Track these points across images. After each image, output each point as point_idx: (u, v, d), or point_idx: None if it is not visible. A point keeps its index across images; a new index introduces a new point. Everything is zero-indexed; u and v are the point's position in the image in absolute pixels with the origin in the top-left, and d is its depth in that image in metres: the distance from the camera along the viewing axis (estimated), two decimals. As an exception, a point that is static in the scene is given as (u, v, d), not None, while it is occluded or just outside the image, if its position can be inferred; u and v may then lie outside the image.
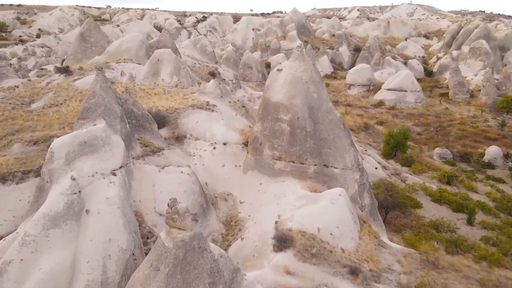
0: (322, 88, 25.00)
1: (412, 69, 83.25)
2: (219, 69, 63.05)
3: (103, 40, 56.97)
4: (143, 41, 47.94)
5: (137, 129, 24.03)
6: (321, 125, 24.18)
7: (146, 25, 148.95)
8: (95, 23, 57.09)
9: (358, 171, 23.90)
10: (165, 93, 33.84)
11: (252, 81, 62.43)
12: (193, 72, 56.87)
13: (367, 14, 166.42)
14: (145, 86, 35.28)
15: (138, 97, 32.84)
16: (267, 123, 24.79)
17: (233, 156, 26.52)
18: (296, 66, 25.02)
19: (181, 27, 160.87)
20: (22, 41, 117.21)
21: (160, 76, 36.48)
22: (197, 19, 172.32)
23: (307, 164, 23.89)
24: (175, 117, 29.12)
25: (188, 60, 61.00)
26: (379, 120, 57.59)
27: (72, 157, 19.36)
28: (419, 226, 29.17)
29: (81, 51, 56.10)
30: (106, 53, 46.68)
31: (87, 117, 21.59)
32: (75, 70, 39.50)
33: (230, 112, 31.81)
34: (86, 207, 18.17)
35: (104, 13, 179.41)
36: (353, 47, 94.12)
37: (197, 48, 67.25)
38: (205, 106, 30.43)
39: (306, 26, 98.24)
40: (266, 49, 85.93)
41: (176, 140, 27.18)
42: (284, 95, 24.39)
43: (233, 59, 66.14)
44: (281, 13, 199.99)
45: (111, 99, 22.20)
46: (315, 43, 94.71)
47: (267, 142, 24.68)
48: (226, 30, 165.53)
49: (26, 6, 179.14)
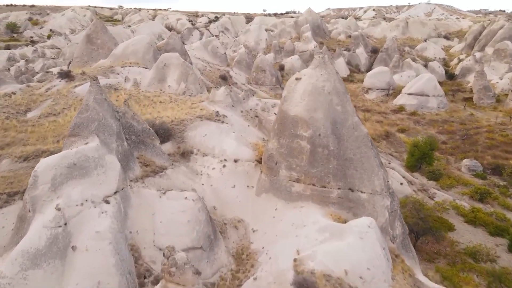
0: (346, 100, 21.88)
1: (433, 71, 79.34)
2: (231, 72, 60.26)
3: (110, 42, 54.61)
4: (151, 43, 45.33)
5: (137, 146, 21.24)
6: (345, 143, 21.08)
7: (158, 26, 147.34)
8: (103, 24, 54.77)
9: (389, 196, 20.74)
10: (172, 101, 31.07)
11: (265, 85, 59.50)
12: (203, 75, 54.17)
13: (383, 14, 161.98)
14: (150, 93, 32.58)
15: (142, 105, 30.15)
16: (284, 139, 21.77)
17: (245, 175, 23.56)
18: (317, 75, 21.95)
19: (193, 27, 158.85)
20: (33, 42, 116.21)
21: (166, 82, 33.75)
22: (209, 20, 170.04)
23: (329, 188, 20.81)
24: (181, 129, 26.30)
25: (199, 63, 58.32)
26: (401, 128, 54.09)
27: (59, 182, 16.69)
28: (454, 254, 25.87)
29: (87, 54, 53.82)
30: (112, 56, 44.19)
31: (79, 134, 18.89)
32: (77, 75, 37.03)
33: (242, 123, 28.88)
34: (72, 243, 15.51)
35: (116, 14, 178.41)
36: (370, 48, 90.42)
37: (208, 50, 64.54)
38: (214, 117, 27.55)
39: (321, 27, 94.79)
40: (280, 50, 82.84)
41: (181, 157, 24.35)
42: (304, 108, 21.35)
43: (246, 62, 63.26)
44: (294, 13, 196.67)
45: (107, 113, 19.45)
46: (331, 44, 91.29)
47: (284, 162, 21.66)
48: (238, 30, 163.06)
49: (39, 6, 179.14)
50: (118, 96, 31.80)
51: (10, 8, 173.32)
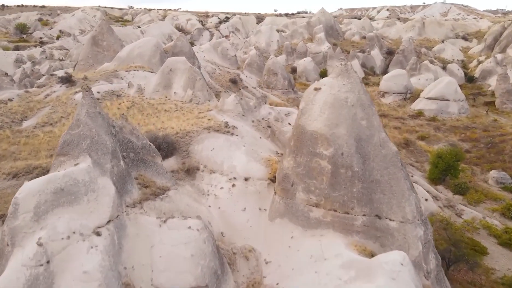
0: (372, 113, 19.28)
1: (451, 74, 76.03)
2: (241, 76, 57.83)
3: (116, 44, 52.60)
4: (157, 45, 43.12)
5: (136, 165, 18.89)
6: (371, 163, 18.47)
7: (167, 26, 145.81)
8: (109, 25, 52.79)
9: (422, 225, 18.09)
10: (177, 109, 28.73)
11: (277, 89, 56.96)
12: (212, 79, 51.84)
13: (398, 14, 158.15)
14: (154, 101, 30.29)
15: (145, 114, 27.86)
16: (302, 158, 19.23)
17: (257, 196, 21.08)
18: (339, 85, 19.37)
19: (203, 28, 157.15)
20: (42, 43, 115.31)
21: (172, 88, 31.44)
22: (220, 20, 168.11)
23: (353, 214, 18.23)
24: (186, 142, 23.92)
25: (208, 66, 56.03)
26: (420, 135, 51.10)
27: (43, 210, 14.45)
28: (490, 285, 23.08)
29: (92, 56, 51.89)
30: (116, 59, 42.09)
31: (68, 153, 16.61)
32: (78, 80, 34.95)
33: (253, 135, 26.41)
34: (56, 284, 13.21)
35: (126, 14, 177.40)
36: (385, 50, 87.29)
37: (217, 52, 62.22)
38: (223, 129, 25.12)
39: (335, 28, 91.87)
40: (292, 52, 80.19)
41: (186, 174, 21.98)
42: (324, 122, 18.80)
43: (257, 64, 60.78)
44: (306, 13, 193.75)
45: (101, 129, 17.12)
46: (344, 45, 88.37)
47: (301, 183, 19.13)
48: (249, 31, 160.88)
49: (49, 7, 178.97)
50: (120, 103, 29.58)
51: (21, 8, 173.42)
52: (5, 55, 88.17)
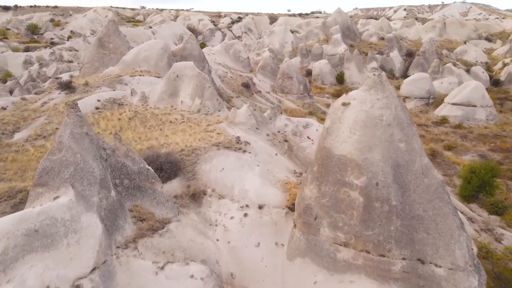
0: (412, 134, 16.08)
1: (476, 77, 71.93)
2: (254, 79, 54.88)
3: (123, 46, 50.07)
4: (165, 48, 40.36)
5: (131, 194, 16.01)
6: (412, 194, 15.30)
7: (179, 27, 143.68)
8: (115, 26, 50.28)
9: (475, 272, 14.84)
10: (184, 120, 25.84)
11: (292, 93, 53.84)
12: (224, 83, 48.99)
13: (415, 14, 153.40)
14: (158, 111, 27.47)
15: (147, 127, 25.04)
16: (327, 187, 16.13)
17: (273, 228, 18.04)
18: (372, 100, 16.21)
19: (215, 28, 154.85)
20: (53, 43, 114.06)
21: (179, 96, 28.59)
22: (232, 20, 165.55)
23: (390, 258, 15.07)
24: (192, 161, 21.00)
25: (219, 69, 53.21)
26: (447, 144, 47.43)
27: (12, 258, 11.72)
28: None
29: (98, 59, 49.44)
30: (121, 63, 39.46)
31: (47, 183, 13.81)
32: (78, 86, 32.35)
33: (268, 151, 23.37)
34: None
35: (138, 14, 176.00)
36: (404, 51, 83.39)
37: (229, 54, 59.34)
38: (234, 145, 22.14)
39: (352, 28, 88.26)
40: (307, 54, 76.92)
41: (191, 199, 19.05)
42: (355, 145, 15.68)
43: (271, 67, 57.73)
44: (320, 13, 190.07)
45: (87, 154, 14.29)
46: (362, 47, 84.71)
47: (327, 217, 16.03)
48: (262, 31, 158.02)
49: (62, 7, 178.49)
50: (122, 114, 26.82)
51: (34, 9, 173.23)
52: (14, 56, 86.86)
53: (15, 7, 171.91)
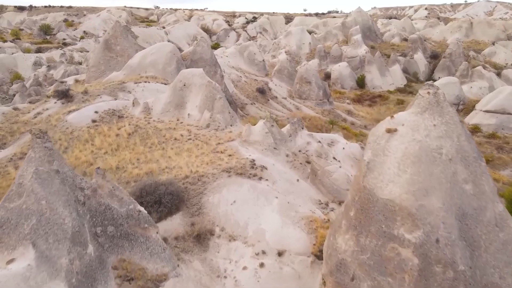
0: (481, 171, 12.28)
1: (507, 81, 67.08)
2: (270, 84, 51.30)
3: (131, 49, 47.03)
4: (173, 52, 37.09)
5: (116, 245, 12.59)
6: (484, 254, 11.55)
7: (193, 27, 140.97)
8: (123, 28, 47.27)
9: None
10: (190, 137, 22.43)
11: (310, 100, 50.09)
12: (237, 88, 45.53)
13: (437, 14, 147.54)
14: (162, 125, 24.12)
15: (148, 146, 21.69)
16: (369, 239, 12.47)
17: (296, 283, 14.45)
18: (427, 126, 12.44)
19: (230, 28, 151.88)
20: (65, 44, 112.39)
21: (185, 108, 25.20)
22: (247, 20, 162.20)
23: None
24: (198, 191, 17.55)
25: (233, 73, 49.78)
26: (482, 157, 43.01)
27: None
28: None
29: (104, 62, 46.49)
30: (126, 68, 36.34)
31: (1, 240, 10.51)
32: (77, 95, 29.25)
33: (288, 177, 19.79)
34: None
35: (151, 14, 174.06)
36: (429, 53, 78.68)
37: (244, 56, 55.87)
38: (248, 171, 18.62)
39: (373, 29, 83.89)
40: (325, 56, 72.94)
41: (196, 241, 15.60)
42: (406, 187, 11.97)
43: (287, 71, 54.06)
44: (337, 13, 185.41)
45: (57, 198, 10.95)
46: (383, 48, 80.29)
47: (368, 279, 12.37)
48: (277, 31, 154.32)
49: (76, 7, 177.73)
50: (121, 128, 23.56)
51: (48, 9, 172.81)
52: (24, 57, 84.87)
53: (30, 7, 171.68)
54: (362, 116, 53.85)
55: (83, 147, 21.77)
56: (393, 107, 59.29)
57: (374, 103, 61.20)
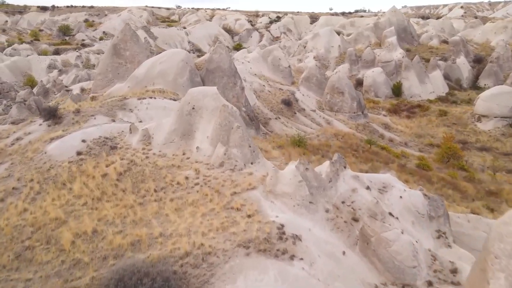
0: None
1: None
2: (297, 94, 45.49)
3: (141, 54, 42.11)
4: (186, 60, 31.79)
5: None
6: None
7: (214, 27, 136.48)
8: (133, 31, 42.36)
9: None
10: (198, 182, 16.98)
11: (343, 112, 44.04)
12: (260, 100, 39.97)
13: (474, 13, 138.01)
14: (164, 161, 18.76)
15: (141, 194, 16.36)
16: None
17: None
18: None
19: (252, 28, 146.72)
20: (84, 45, 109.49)
21: (194, 139, 19.77)
22: (270, 20, 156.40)
23: None
24: (202, 279, 12.00)
25: (255, 82, 44.23)
26: (551, 186, 36.05)
27: None
28: None
29: (112, 69, 41.72)
30: (131, 79, 31.29)
31: None
32: (67, 115, 24.28)
33: (331, 248, 14.06)
34: None
35: (173, 14, 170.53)
36: (472, 57, 71.10)
37: (267, 62, 50.22)
38: (275, 245, 12.98)
39: (408, 30, 76.65)
40: (356, 60, 66.50)
41: None
42: None
43: (316, 79, 48.11)
44: (364, 12, 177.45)
45: None
46: (420, 52, 73.10)
47: None
48: (302, 31, 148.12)
49: (98, 7, 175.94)
50: (110, 165, 18.33)
51: (70, 9, 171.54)
52: (39, 60, 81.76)
53: (52, 7, 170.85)
54: (401, 131, 47.42)
55: (57, 194, 16.63)
56: (435, 119, 52.59)
57: (413, 115, 54.56)
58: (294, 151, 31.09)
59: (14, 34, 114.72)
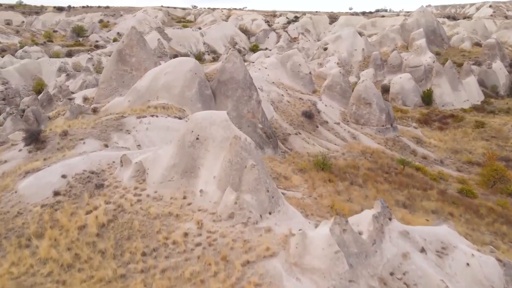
0: None
1: None
2: (319, 105, 41.12)
3: (149, 61, 38.50)
4: (195, 70, 27.86)
5: None
6: None
7: (230, 27, 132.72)
8: (140, 35, 38.73)
9: None
10: (200, 242, 13.00)
11: (370, 125, 39.55)
12: (278, 112, 35.90)
13: (504, 12, 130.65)
14: (158, 206, 14.82)
15: (124, 260, 12.48)
16: None
17: None
18: None
19: (270, 29, 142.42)
20: (97, 46, 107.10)
21: (198, 177, 15.76)
22: (288, 20, 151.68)
23: None
24: None
25: (272, 91, 40.10)
26: None
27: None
28: None
29: (117, 78, 38.20)
30: (133, 92, 27.53)
31: None
32: (52, 138, 20.61)
33: None
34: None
35: (188, 14, 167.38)
36: (508, 61, 65.38)
37: (286, 68, 45.99)
38: None
39: (438, 32, 71.12)
40: (382, 65, 61.63)
41: None
42: None
43: (340, 87, 43.67)
44: (385, 12, 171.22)
45: None
46: (452, 56, 67.67)
47: None
48: (320, 32, 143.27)
49: (113, 8, 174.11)
50: (92, 212, 14.50)
51: (86, 9, 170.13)
52: (49, 63, 79.17)
53: (68, 7, 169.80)
54: (435, 145, 42.57)
55: (19, 256, 12.87)
56: (471, 132, 47.44)
57: (446, 126, 49.52)
58: (317, 176, 26.89)
59: (28, 35, 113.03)
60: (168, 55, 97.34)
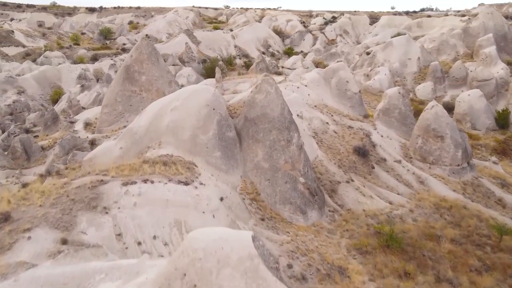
0: None
1: None
2: (373, 136, 32.37)
3: (162, 79, 31.26)
4: (213, 104, 19.97)
5: None
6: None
7: (263, 29, 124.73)
8: (152, 48, 31.45)
9: None
10: None
11: (442, 165, 30.53)
12: (321, 147, 27.54)
13: None
14: None
15: None
16: None
17: None
18: None
19: (305, 30, 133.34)
20: (124, 50, 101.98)
21: None
22: (325, 20, 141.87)
23: None
24: None
25: (314, 117, 31.80)
26: None
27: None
28: None
29: (123, 100, 31.14)
30: (127, 135, 19.97)
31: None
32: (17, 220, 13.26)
33: None
34: None
35: (220, 15, 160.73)
36: None
37: (330, 85, 37.46)
38: None
39: (509, 38, 60.32)
40: (442, 78, 51.76)
41: None
42: None
43: (399, 112, 34.74)
44: (431, 11, 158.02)
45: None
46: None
47: None
48: (360, 33, 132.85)
49: (144, 8, 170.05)
50: None
51: (117, 10, 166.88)
52: (69, 69, 73.95)
53: (100, 8, 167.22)
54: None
55: None
56: None
57: (530, 158, 39.59)
58: (386, 262, 18.48)
59: (54, 38, 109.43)
60: (196, 60, 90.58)
